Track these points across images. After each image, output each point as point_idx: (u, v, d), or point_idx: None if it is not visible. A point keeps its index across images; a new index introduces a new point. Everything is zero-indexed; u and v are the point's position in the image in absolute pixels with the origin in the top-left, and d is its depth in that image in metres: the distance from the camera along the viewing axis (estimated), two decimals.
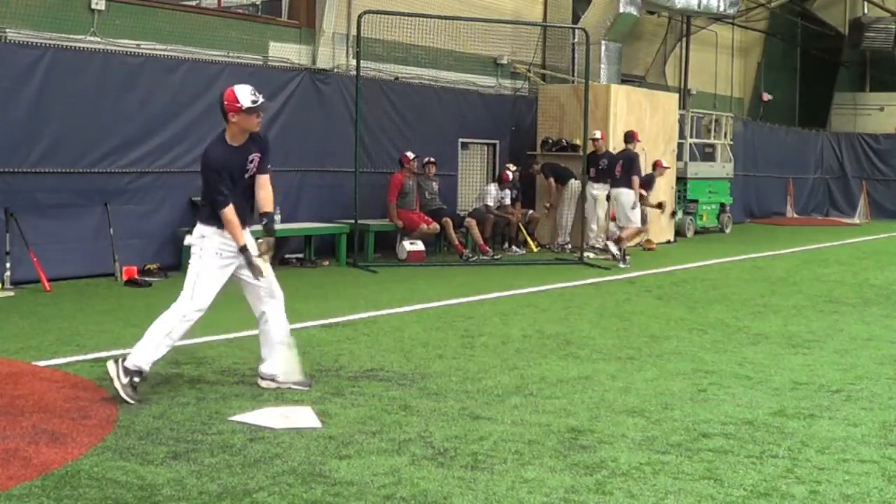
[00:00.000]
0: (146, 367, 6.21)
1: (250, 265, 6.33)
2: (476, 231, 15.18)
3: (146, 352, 6.22)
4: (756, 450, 5.38)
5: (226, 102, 6.26)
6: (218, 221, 6.34)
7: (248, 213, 6.53)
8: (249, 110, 6.25)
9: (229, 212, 6.26)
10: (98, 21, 11.90)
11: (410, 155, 14.80)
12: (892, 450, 5.44)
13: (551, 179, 16.80)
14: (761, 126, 26.56)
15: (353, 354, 7.70)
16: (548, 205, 16.98)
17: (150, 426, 5.58)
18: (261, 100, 6.32)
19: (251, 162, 6.40)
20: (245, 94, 6.24)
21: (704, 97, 25.02)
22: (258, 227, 6.60)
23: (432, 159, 15.22)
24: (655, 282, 12.89)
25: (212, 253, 6.33)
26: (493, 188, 16.28)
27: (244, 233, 6.35)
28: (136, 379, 6.13)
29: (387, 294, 11.14)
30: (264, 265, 6.44)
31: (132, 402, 6.01)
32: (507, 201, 16.24)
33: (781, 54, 28.88)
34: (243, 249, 6.30)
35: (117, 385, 6.07)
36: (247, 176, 6.40)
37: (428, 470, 4.92)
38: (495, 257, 15.11)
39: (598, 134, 16.17)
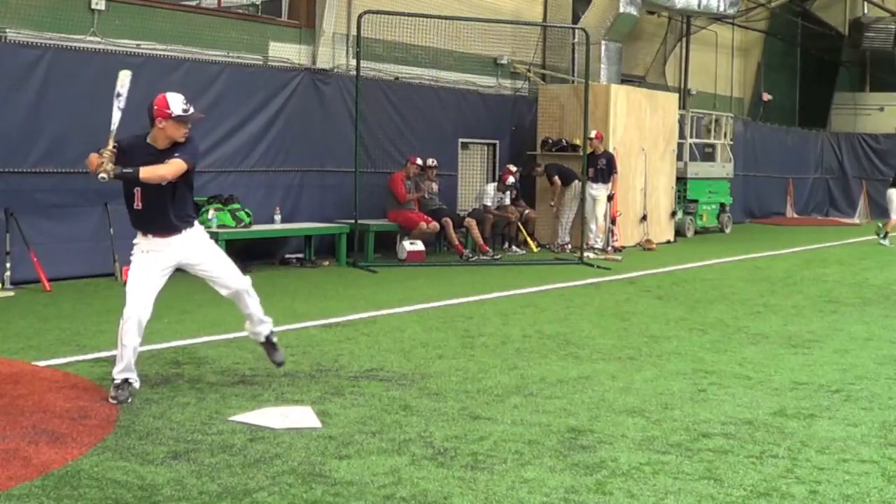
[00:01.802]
0: (118, 375, 6.14)
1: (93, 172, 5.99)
2: (476, 231, 15.19)
3: (116, 361, 6.20)
4: (756, 450, 5.38)
5: (155, 108, 6.11)
6: (136, 227, 6.31)
7: (170, 219, 6.26)
8: (178, 118, 6.13)
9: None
10: (98, 21, 11.90)
11: (420, 161, 14.83)
12: (892, 450, 5.44)
13: (556, 178, 16.77)
14: (761, 126, 26.56)
15: (353, 354, 7.70)
16: (552, 204, 16.99)
17: (150, 426, 5.58)
18: (192, 110, 6.18)
19: None
20: (177, 102, 6.12)
21: (704, 97, 25.01)
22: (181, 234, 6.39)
23: (433, 163, 15.22)
24: (655, 282, 12.89)
25: (139, 252, 6.29)
26: (491, 188, 16.29)
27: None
28: (121, 391, 6.10)
29: (387, 294, 11.13)
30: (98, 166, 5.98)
31: (119, 402, 6.02)
32: (507, 201, 16.25)
33: (781, 54, 28.86)
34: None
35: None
36: (164, 184, 6.13)
37: (428, 470, 4.92)
38: (495, 257, 15.12)
39: (592, 133, 16.16)
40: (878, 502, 4.64)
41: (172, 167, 6.13)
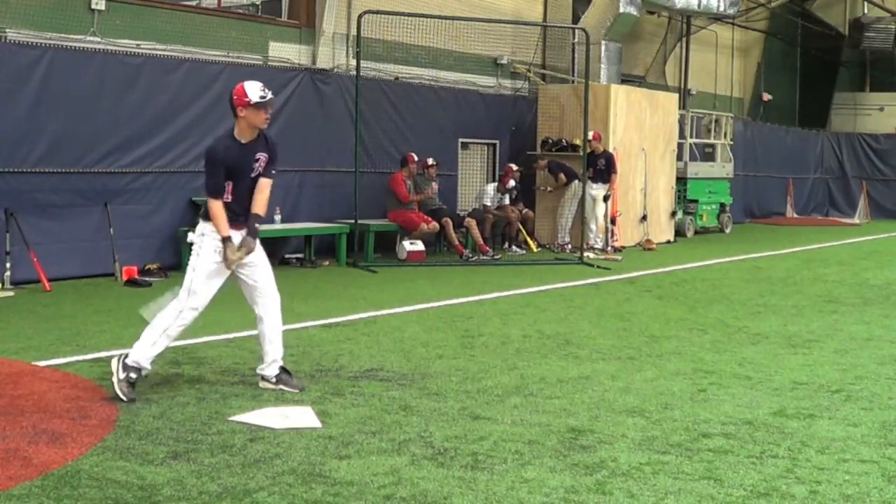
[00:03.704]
0: (145, 363, 6.22)
1: (224, 257, 6.27)
2: (476, 231, 15.19)
3: (144, 349, 6.24)
4: (756, 450, 5.38)
5: (235, 97, 6.31)
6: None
7: (246, 211, 6.48)
8: (258, 105, 6.29)
9: (216, 206, 6.28)
10: (98, 21, 11.90)
11: (415, 157, 14.83)
12: (892, 450, 5.44)
13: (561, 175, 16.76)
14: (761, 126, 26.57)
15: (353, 354, 7.70)
16: (550, 189, 16.98)
17: (150, 426, 5.58)
18: (269, 95, 6.38)
19: (257, 161, 6.42)
20: (254, 90, 6.30)
21: (704, 97, 25.02)
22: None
23: (433, 161, 15.21)
24: (655, 282, 12.89)
25: (210, 251, 6.33)
26: (491, 189, 16.27)
27: (227, 227, 6.30)
28: (134, 375, 6.15)
29: (387, 294, 11.13)
30: (239, 259, 6.32)
31: (126, 399, 6.04)
32: (507, 201, 16.24)
33: (781, 54, 28.87)
34: (225, 240, 6.26)
35: (114, 380, 6.10)
36: (252, 175, 6.41)
37: (428, 470, 4.92)
38: (495, 257, 15.12)
39: (590, 135, 16.17)
40: (878, 502, 4.64)
41: (269, 189, 6.56)
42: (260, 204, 6.46)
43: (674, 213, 19.49)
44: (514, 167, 16.58)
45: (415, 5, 15.59)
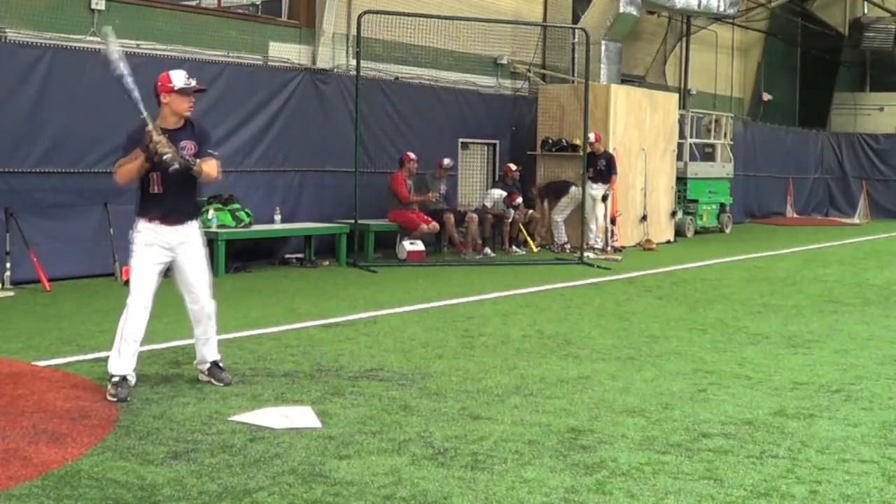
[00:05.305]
0: (115, 371, 6.19)
1: (157, 153, 6.06)
2: (475, 226, 15.20)
3: (112, 357, 6.26)
4: (756, 450, 5.38)
5: (159, 84, 6.31)
6: (145, 213, 6.33)
7: (185, 207, 6.41)
8: (182, 91, 6.28)
9: (119, 169, 6.26)
10: (98, 21, 11.89)
11: (412, 155, 14.83)
12: (892, 450, 5.44)
13: (545, 203, 16.84)
14: (761, 126, 26.58)
15: (353, 354, 7.70)
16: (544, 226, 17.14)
17: (150, 426, 5.58)
18: (194, 83, 6.35)
19: (182, 149, 6.29)
20: (179, 76, 6.32)
21: (704, 97, 25.02)
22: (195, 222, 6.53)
23: (449, 162, 15.26)
24: (655, 282, 12.89)
25: (141, 245, 6.32)
26: (497, 194, 16.21)
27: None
28: (121, 388, 6.14)
29: (387, 294, 11.13)
30: (158, 143, 6.07)
31: (118, 400, 6.05)
32: (511, 214, 16.10)
33: (781, 54, 28.88)
34: (152, 129, 6.12)
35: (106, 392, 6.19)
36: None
37: (428, 470, 4.92)
38: (489, 255, 15.17)
39: (591, 137, 16.18)
40: (878, 502, 4.64)
41: (217, 165, 6.42)
42: (211, 167, 6.33)
43: (674, 213, 19.50)
44: (514, 167, 16.59)
45: (415, 5, 15.59)
